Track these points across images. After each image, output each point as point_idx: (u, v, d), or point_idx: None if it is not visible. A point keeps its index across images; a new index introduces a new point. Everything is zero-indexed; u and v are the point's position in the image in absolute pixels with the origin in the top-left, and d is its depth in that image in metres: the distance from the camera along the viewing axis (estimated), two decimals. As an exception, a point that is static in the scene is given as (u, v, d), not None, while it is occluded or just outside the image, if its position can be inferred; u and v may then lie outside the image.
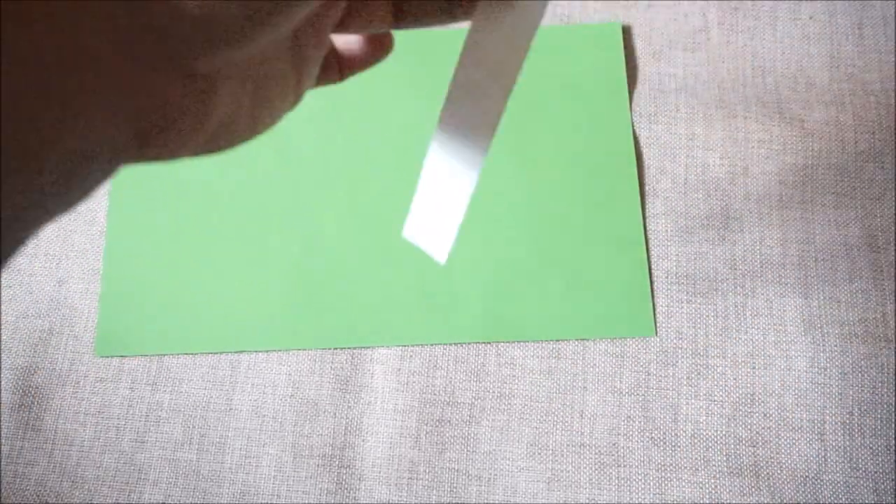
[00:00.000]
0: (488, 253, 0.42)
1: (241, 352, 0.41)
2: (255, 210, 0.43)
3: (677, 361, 0.40)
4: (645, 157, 0.44)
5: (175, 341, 0.41)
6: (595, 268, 0.42)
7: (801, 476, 0.38)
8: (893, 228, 0.42)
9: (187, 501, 0.38)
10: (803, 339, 0.41)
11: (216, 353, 0.41)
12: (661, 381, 0.40)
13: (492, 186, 0.43)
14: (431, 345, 0.41)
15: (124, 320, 0.41)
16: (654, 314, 0.41)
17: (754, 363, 0.40)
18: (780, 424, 0.39)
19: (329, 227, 0.43)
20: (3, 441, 0.39)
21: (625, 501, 0.38)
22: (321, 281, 0.42)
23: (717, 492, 0.38)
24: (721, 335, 0.41)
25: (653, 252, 0.42)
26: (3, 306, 0.42)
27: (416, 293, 0.41)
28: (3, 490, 0.38)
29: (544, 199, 0.43)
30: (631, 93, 0.45)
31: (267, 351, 0.41)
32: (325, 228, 0.42)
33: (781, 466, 0.38)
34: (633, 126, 0.44)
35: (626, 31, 0.47)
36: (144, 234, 0.43)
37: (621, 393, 0.40)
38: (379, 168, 0.44)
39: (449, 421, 0.40)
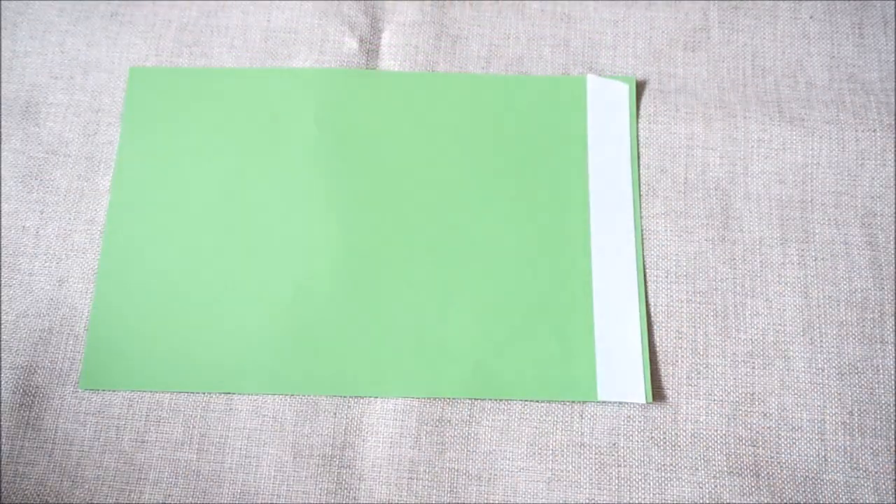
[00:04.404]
0: (481, 308, 0.41)
1: (230, 393, 0.40)
2: (249, 254, 0.42)
3: (677, 361, 0.40)
4: (645, 156, 0.44)
5: (163, 379, 0.40)
6: (588, 328, 0.41)
7: (801, 476, 0.38)
8: (893, 228, 0.42)
9: (187, 501, 0.38)
10: (802, 338, 0.41)
11: (204, 393, 0.40)
12: (661, 381, 0.40)
13: (485, 242, 0.43)
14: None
15: (112, 354, 0.41)
16: (649, 380, 0.40)
17: (754, 363, 0.40)
18: (780, 424, 0.39)
19: (322, 271, 0.42)
20: (3, 441, 0.39)
21: (625, 501, 0.38)
22: (312, 327, 0.41)
23: (717, 492, 0.38)
24: (721, 335, 0.41)
25: (652, 252, 0.42)
26: (3, 306, 0.42)
27: (407, 344, 0.41)
28: (3, 490, 0.39)
29: (540, 258, 0.42)
30: (637, 154, 0.44)
31: (253, 395, 0.40)
32: (317, 273, 0.42)
33: (781, 466, 0.39)
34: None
35: (640, 86, 0.46)
36: (140, 253, 0.43)
37: (621, 393, 0.40)
38: (375, 215, 0.43)
39: (449, 421, 0.40)
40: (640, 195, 0.43)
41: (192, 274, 0.42)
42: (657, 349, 0.41)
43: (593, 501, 0.38)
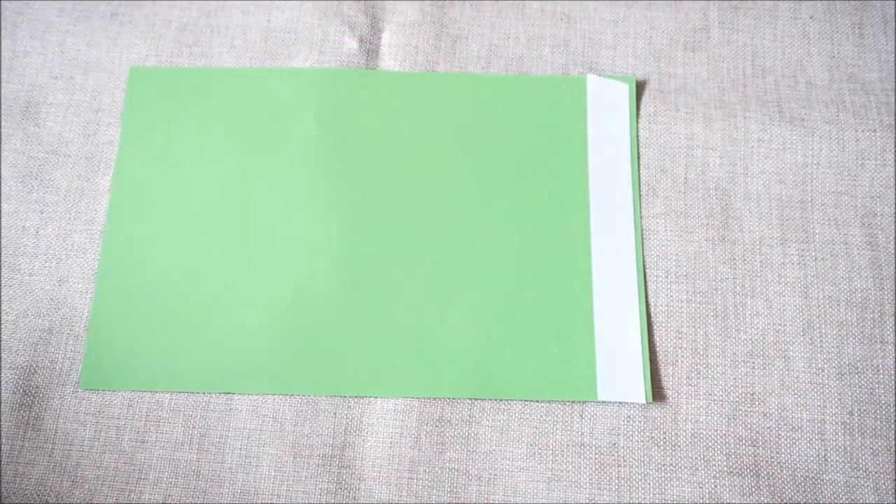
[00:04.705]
0: (481, 308, 0.41)
1: (230, 393, 0.40)
2: (249, 254, 0.42)
3: (677, 361, 0.40)
4: (645, 156, 0.44)
5: (163, 379, 0.40)
6: (588, 328, 0.41)
7: (801, 476, 0.38)
8: (893, 228, 0.42)
9: (187, 501, 0.38)
10: (802, 338, 0.41)
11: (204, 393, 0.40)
12: (661, 381, 0.40)
13: (485, 243, 0.43)
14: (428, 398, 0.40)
15: (111, 354, 0.41)
16: (649, 380, 0.40)
17: (754, 363, 0.40)
18: (780, 424, 0.39)
19: (322, 271, 0.42)
20: (3, 441, 0.39)
21: (625, 501, 0.38)
22: (312, 327, 0.41)
23: (717, 492, 0.38)
24: (721, 335, 0.41)
25: (652, 252, 0.42)
26: (3, 306, 0.42)
27: (407, 344, 0.41)
28: (3, 489, 0.39)
29: (538, 259, 0.42)
30: (637, 154, 0.44)
31: (253, 394, 0.40)
32: (317, 273, 0.42)
33: (781, 466, 0.39)
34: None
35: (640, 86, 0.46)
36: (140, 253, 0.43)
37: (621, 393, 0.40)
38: (375, 215, 0.43)
39: (449, 421, 0.40)
40: (640, 195, 0.43)
41: (192, 274, 0.42)
42: (657, 349, 0.41)
43: (593, 501, 0.38)
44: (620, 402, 0.40)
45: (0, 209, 0.44)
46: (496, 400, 0.40)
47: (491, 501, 0.38)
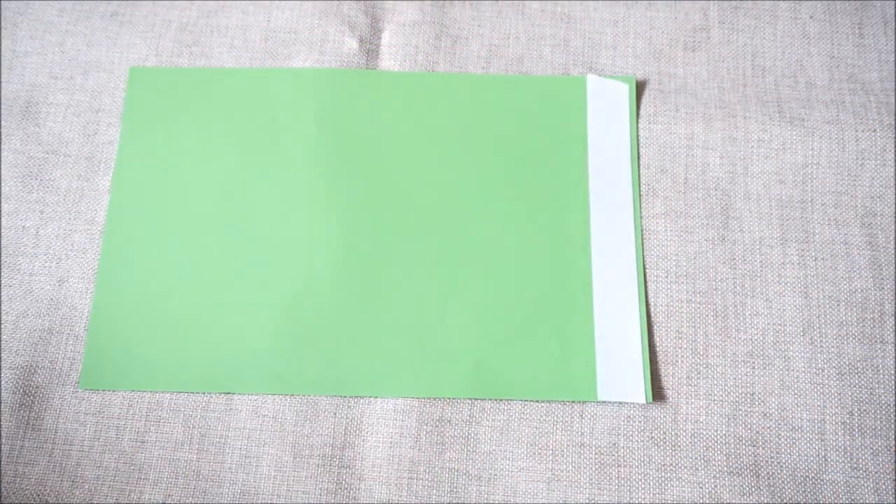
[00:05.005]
0: (481, 308, 0.41)
1: (230, 393, 0.40)
2: (249, 254, 0.42)
3: (677, 361, 0.40)
4: (645, 156, 0.44)
5: (162, 378, 0.40)
6: (588, 328, 0.41)
7: (801, 476, 0.38)
8: (893, 228, 0.42)
9: (187, 501, 0.38)
10: (802, 338, 0.41)
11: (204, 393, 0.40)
12: (661, 381, 0.40)
13: (485, 243, 0.43)
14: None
15: (111, 354, 0.41)
16: (649, 380, 0.40)
17: (754, 363, 0.40)
18: (780, 424, 0.39)
19: (322, 271, 0.42)
20: (3, 441, 0.39)
21: (625, 501, 0.38)
22: (312, 327, 0.41)
23: (717, 491, 0.38)
24: (721, 335, 0.41)
25: (652, 252, 0.42)
26: (3, 306, 0.42)
27: (407, 344, 0.41)
28: (3, 490, 0.39)
29: (538, 259, 0.42)
30: (637, 154, 0.44)
31: (253, 394, 0.40)
32: (317, 273, 0.42)
33: (781, 466, 0.39)
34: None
35: (640, 86, 0.46)
36: (140, 253, 0.43)
37: (621, 393, 0.40)
38: (375, 215, 0.43)
39: (449, 421, 0.40)
40: (640, 195, 0.43)
41: (192, 274, 0.42)
42: (657, 349, 0.41)
43: (593, 501, 0.38)
44: (620, 402, 0.40)
45: (0, 209, 0.44)
46: (496, 400, 0.40)
47: (491, 501, 0.38)
